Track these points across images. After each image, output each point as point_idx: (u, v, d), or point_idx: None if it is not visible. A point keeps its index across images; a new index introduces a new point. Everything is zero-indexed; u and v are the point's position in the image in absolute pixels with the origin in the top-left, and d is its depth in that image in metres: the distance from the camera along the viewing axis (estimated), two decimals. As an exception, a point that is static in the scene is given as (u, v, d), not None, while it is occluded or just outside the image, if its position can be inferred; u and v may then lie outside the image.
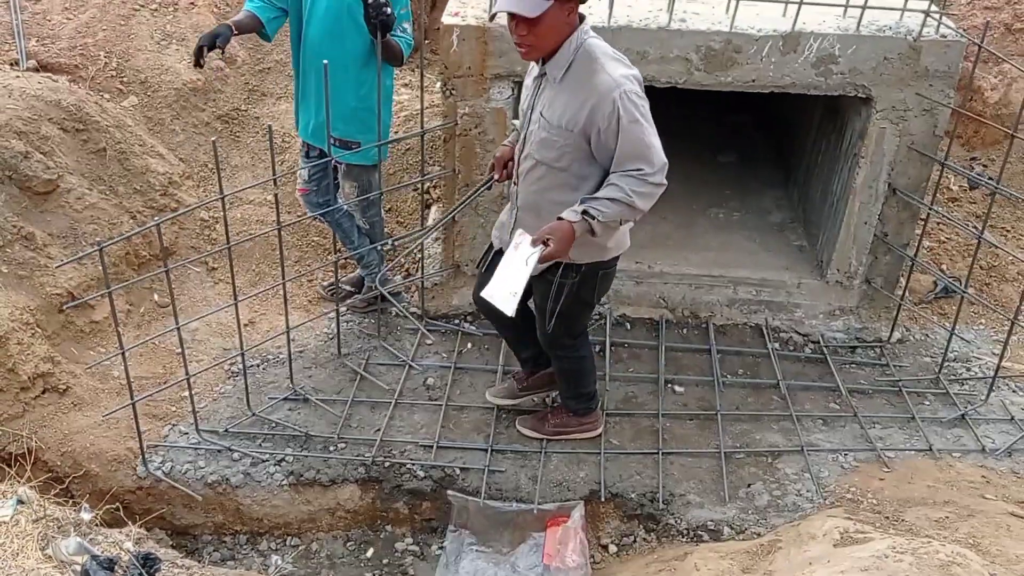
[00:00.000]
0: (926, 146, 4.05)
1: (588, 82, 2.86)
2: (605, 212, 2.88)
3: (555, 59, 2.90)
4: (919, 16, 3.88)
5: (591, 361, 3.72)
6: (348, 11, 3.77)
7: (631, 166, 2.88)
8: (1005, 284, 4.79)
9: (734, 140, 5.98)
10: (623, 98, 2.81)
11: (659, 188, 2.93)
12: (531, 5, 2.73)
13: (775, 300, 4.60)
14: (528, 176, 3.14)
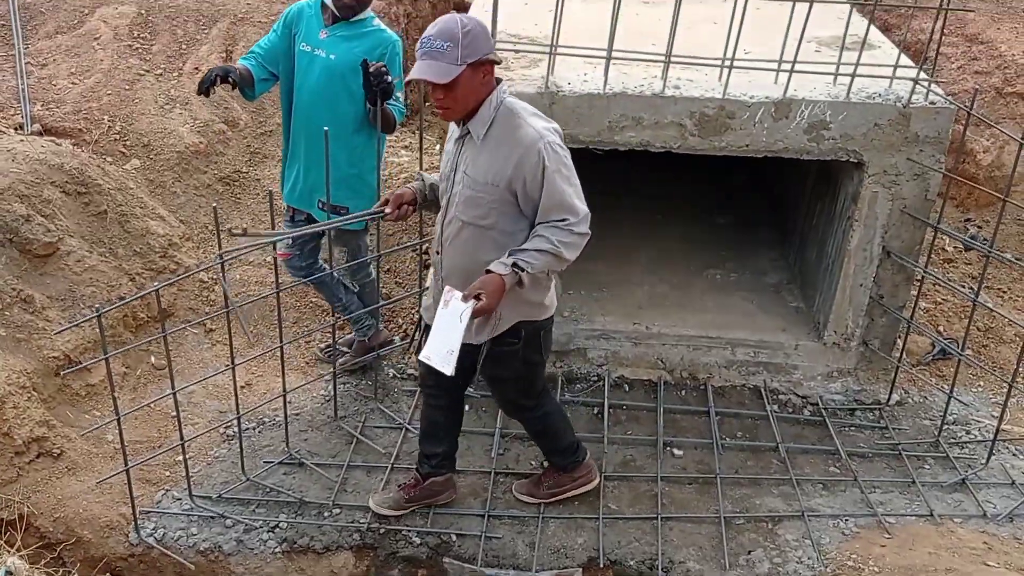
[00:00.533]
0: (919, 210, 4.09)
1: (511, 136, 2.92)
2: (533, 263, 2.91)
3: (476, 118, 2.96)
4: (908, 83, 3.95)
5: (558, 415, 3.72)
6: (342, 78, 3.84)
7: (556, 217, 2.94)
8: (1002, 346, 4.79)
9: (730, 201, 6.04)
10: (547, 148, 2.88)
11: (584, 238, 3.00)
12: (441, 72, 2.81)
13: (773, 361, 4.59)
14: (455, 240, 3.13)
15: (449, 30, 2.79)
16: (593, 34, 4.23)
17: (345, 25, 3.86)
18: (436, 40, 2.79)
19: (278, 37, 3.99)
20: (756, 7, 4.08)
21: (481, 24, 2.86)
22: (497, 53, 2.99)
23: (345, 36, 3.86)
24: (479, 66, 2.85)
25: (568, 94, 4.01)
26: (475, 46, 2.80)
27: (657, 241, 5.51)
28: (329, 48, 3.86)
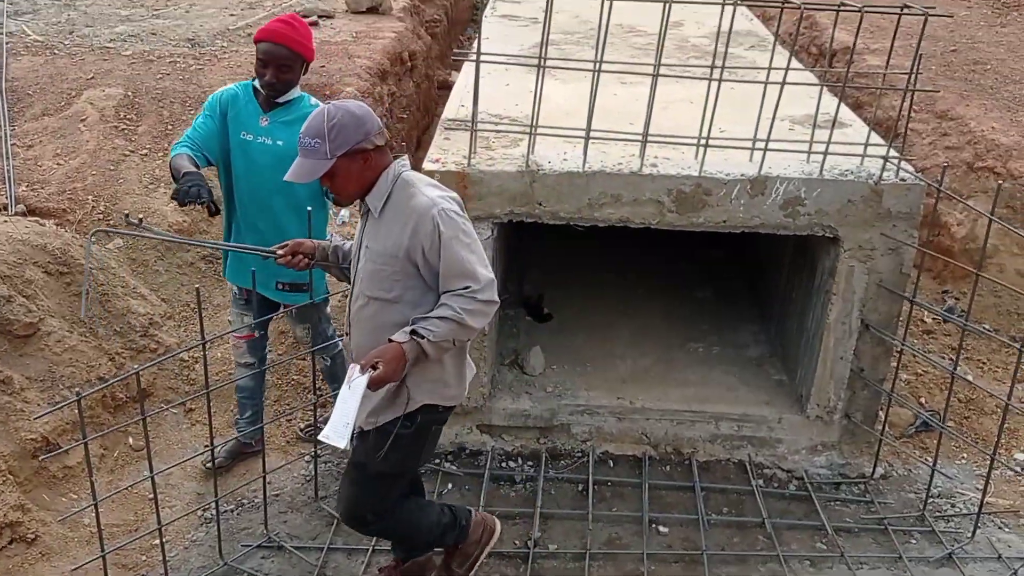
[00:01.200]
0: (894, 283, 4.15)
1: (407, 205, 2.92)
2: (435, 331, 2.85)
3: (373, 192, 2.97)
4: (879, 160, 4.05)
5: (416, 513, 3.42)
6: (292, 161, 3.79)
7: (459, 284, 2.89)
8: (984, 417, 4.81)
9: (710, 275, 6.10)
10: (441, 215, 2.87)
11: (489, 305, 2.93)
12: (311, 169, 2.86)
13: (757, 435, 4.59)
14: (362, 317, 3.08)
15: (317, 127, 2.84)
16: (572, 114, 4.34)
17: (284, 109, 3.83)
18: (305, 137, 2.85)
19: (214, 123, 3.89)
20: (730, 87, 4.20)
21: (352, 113, 2.87)
22: (382, 135, 2.94)
23: (287, 120, 3.80)
24: (355, 155, 2.86)
25: (548, 172, 4.08)
26: (344, 138, 2.83)
27: (639, 315, 5.54)
28: (274, 134, 3.81)
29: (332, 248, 3.32)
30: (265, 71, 3.75)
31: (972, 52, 8.37)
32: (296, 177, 2.89)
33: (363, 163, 2.90)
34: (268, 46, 3.73)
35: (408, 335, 2.85)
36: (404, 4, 9.75)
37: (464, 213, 2.99)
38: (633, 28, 6.56)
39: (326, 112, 2.86)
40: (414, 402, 3.05)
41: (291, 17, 3.84)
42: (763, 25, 7.26)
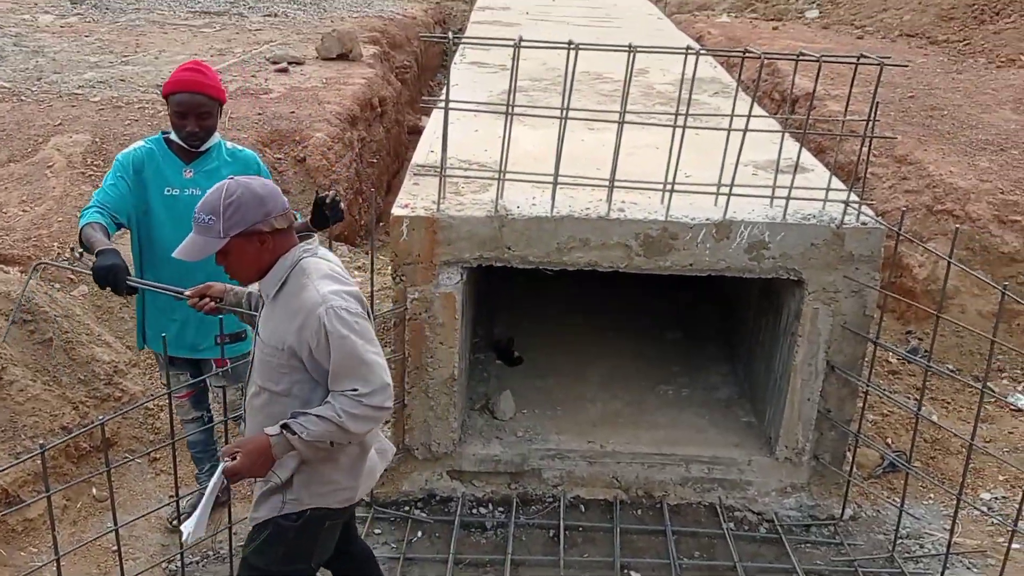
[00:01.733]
0: (858, 325, 4.21)
1: (297, 299, 2.72)
2: (309, 429, 2.65)
3: (268, 278, 2.79)
4: (841, 205, 4.13)
5: None
6: None
7: (347, 386, 2.68)
8: (950, 457, 4.86)
9: (679, 317, 6.15)
10: (330, 313, 2.65)
11: (378, 411, 2.71)
12: (202, 247, 2.72)
13: (727, 478, 4.59)
14: (253, 406, 2.88)
15: (213, 203, 2.68)
16: (541, 159, 4.40)
17: (205, 158, 3.75)
18: (201, 213, 2.70)
19: (126, 184, 3.70)
20: (695, 133, 4.28)
21: (253, 192, 2.69)
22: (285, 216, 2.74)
23: (211, 168, 3.73)
24: (250, 236, 2.69)
25: (517, 217, 4.11)
26: (239, 217, 2.66)
27: (609, 357, 5.56)
28: (201, 184, 3.66)
29: (247, 294, 3.13)
30: (185, 122, 3.65)
31: (929, 98, 8.61)
32: (186, 255, 2.74)
33: (259, 245, 2.72)
34: (185, 96, 3.62)
35: (279, 429, 2.68)
36: (374, 51, 9.87)
37: (361, 309, 2.76)
38: (600, 75, 6.68)
39: (225, 188, 2.69)
40: (298, 503, 2.85)
41: (197, 64, 3.76)
42: (727, 72, 7.42)
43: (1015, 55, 10.36)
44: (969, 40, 11.35)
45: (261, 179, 2.81)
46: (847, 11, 14.34)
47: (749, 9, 16.31)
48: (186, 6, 12.07)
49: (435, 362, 4.28)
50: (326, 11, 12.24)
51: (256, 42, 9.91)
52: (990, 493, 4.69)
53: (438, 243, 4.09)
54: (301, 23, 11.31)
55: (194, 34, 10.27)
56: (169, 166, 3.75)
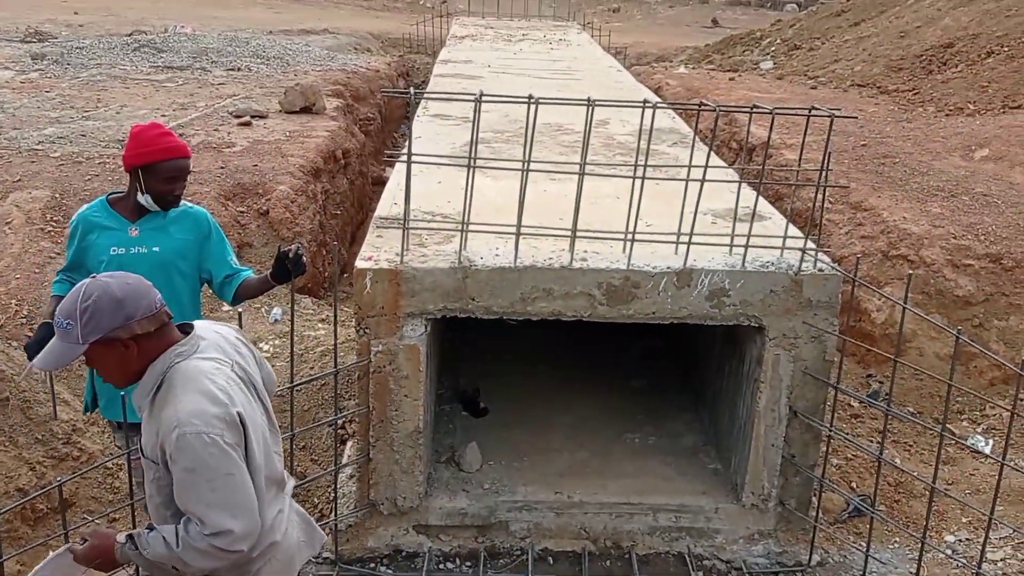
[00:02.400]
0: (819, 370, 4.27)
1: (163, 413, 2.50)
2: (151, 548, 2.50)
3: (139, 387, 2.58)
4: (798, 252, 4.21)
5: None
6: (173, 266, 3.78)
7: (194, 516, 2.48)
8: (914, 500, 4.90)
9: (644, 365, 6.18)
10: (180, 440, 2.42)
11: (225, 553, 2.47)
12: (59, 355, 2.52)
13: (695, 526, 4.59)
14: (149, 508, 2.72)
15: (70, 306, 2.47)
16: (504, 210, 4.43)
17: (151, 216, 3.77)
18: (60, 316, 2.49)
19: (83, 251, 3.78)
20: (655, 183, 4.36)
21: (111, 296, 2.47)
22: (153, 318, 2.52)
23: (159, 225, 3.77)
24: (111, 342, 2.47)
25: (481, 268, 4.13)
26: (96, 323, 2.44)
27: (576, 407, 5.56)
28: (148, 242, 3.73)
29: None
30: (174, 186, 3.71)
31: (881, 146, 8.86)
32: (45, 363, 2.53)
33: (123, 351, 2.49)
34: (177, 162, 3.68)
35: (125, 538, 2.56)
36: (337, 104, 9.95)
37: (225, 432, 2.47)
38: (561, 126, 6.78)
39: (83, 291, 2.48)
40: None
41: (156, 126, 3.79)
42: (685, 123, 7.58)
43: (962, 104, 10.72)
44: (918, 90, 11.72)
45: (126, 278, 2.55)
46: (800, 62, 14.77)
47: (706, 60, 16.74)
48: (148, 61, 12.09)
49: (400, 415, 4.26)
50: (289, 65, 12.33)
51: (219, 96, 9.94)
52: (954, 536, 4.73)
53: (402, 295, 4.09)
54: (264, 77, 11.38)
55: (156, 88, 10.28)
56: (114, 226, 3.75)
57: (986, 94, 10.78)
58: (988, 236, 6.56)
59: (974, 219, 6.80)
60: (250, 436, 2.56)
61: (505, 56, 11.79)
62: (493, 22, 17.27)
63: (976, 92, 10.91)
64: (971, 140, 9.01)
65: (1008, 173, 7.97)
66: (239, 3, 25.03)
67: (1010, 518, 4.75)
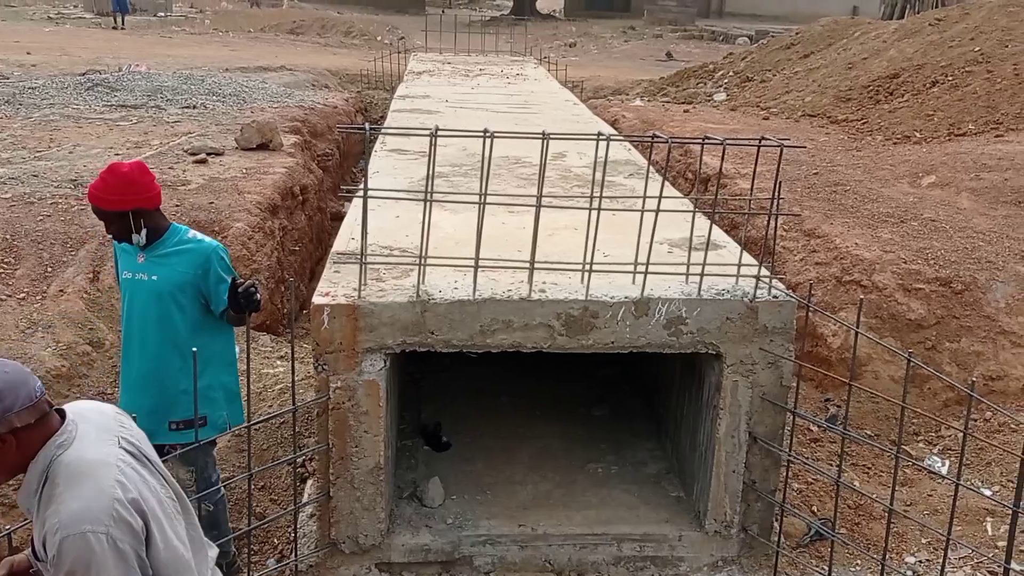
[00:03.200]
0: (776, 396, 4.31)
1: (45, 513, 2.31)
2: None
3: (23, 486, 2.37)
4: (753, 279, 4.27)
5: None
6: (170, 296, 3.91)
7: None
8: (873, 522, 4.95)
9: (606, 393, 6.20)
10: (62, 543, 2.23)
11: None
12: None
13: (659, 555, 4.59)
14: None
15: None
16: (462, 242, 4.45)
17: (159, 244, 3.93)
18: None
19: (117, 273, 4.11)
20: (612, 214, 4.40)
21: None
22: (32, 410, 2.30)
23: (163, 255, 3.92)
24: None
25: (440, 301, 4.13)
26: None
27: (538, 437, 5.55)
28: (150, 270, 3.91)
29: None
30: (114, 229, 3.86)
31: (832, 174, 9.04)
32: None
33: (0, 446, 2.28)
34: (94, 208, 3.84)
35: None
36: (295, 140, 9.92)
37: (113, 529, 2.26)
38: (519, 160, 6.84)
39: None
40: None
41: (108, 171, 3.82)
42: (641, 155, 7.68)
43: (909, 132, 11.00)
44: (866, 119, 12.01)
45: (4, 366, 2.33)
46: (753, 94, 15.08)
47: (661, 93, 17.01)
48: (102, 100, 11.97)
49: (360, 451, 4.22)
50: (246, 102, 12.29)
51: (174, 134, 9.88)
52: (914, 556, 4.78)
53: (360, 330, 4.07)
54: (220, 114, 11.33)
55: (110, 127, 10.18)
56: (129, 251, 3.96)
57: (932, 122, 11.08)
58: (937, 260, 6.71)
59: (923, 244, 6.95)
60: (150, 520, 2.36)
61: (463, 91, 11.88)
62: (451, 57, 17.41)
63: (922, 121, 11.21)
64: (918, 167, 9.24)
65: (954, 199, 8.17)
66: (195, 42, 24.97)
67: (968, 538, 4.82)
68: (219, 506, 4.23)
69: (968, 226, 7.34)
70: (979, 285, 6.43)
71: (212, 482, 4.16)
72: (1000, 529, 4.85)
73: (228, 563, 4.37)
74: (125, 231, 3.84)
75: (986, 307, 6.34)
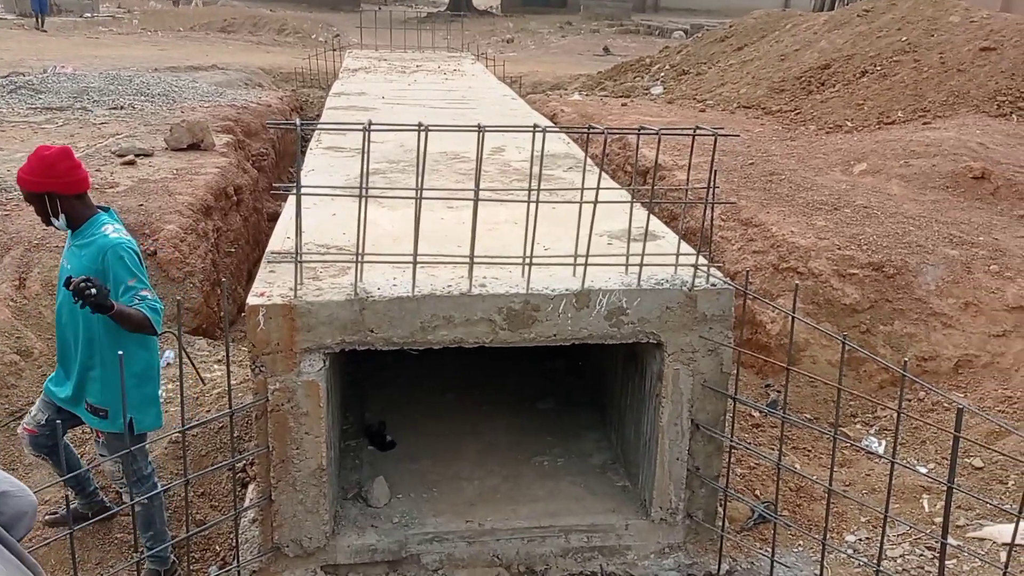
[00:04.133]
0: (717, 383, 4.36)
1: None
2: None
3: None
4: (691, 268, 4.31)
5: None
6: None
7: None
8: (814, 503, 5.03)
9: (551, 386, 6.20)
10: None
11: None
12: None
13: (607, 544, 4.60)
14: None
15: None
16: (401, 239, 4.40)
17: (78, 234, 3.98)
18: None
19: None
20: (552, 208, 4.40)
21: None
22: None
23: (79, 245, 3.97)
24: None
25: (378, 299, 4.08)
26: None
27: (484, 432, 5.53)
28: (69, 258, 4.00)
29: None
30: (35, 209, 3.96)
31: (768, 164, 9.19)
32: None
33: None
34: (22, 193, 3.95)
35: None
36: (227, 139, 9.73)
37: None
38: (458, 155, 6.80)
39: None
40: None
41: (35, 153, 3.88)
42: (580, 148, 7.70)
43: (841, 121, 11.24)
44: (800, 109, 12.24)
45: None
46: (689, 87, 15.25)
47: (599, 88, 17.11)
48: (26, 103, 11.58)
49: (301, 453, 4.14)
50: (176, 102, 12.01)
51: (101, 135, 9.60)
52: (854, 535, 4.88)
53: (297, 330, 4.00)
54: (149, 115, 11.05)
55: (35, 130, 9.86)
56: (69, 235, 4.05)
57: (862, 111, 11.34)
58: (870, 246, 6.86)
59: (856, 230, 7.10)
60: None
61: (399, 87, 11.77)
62: (387, 54, 17.24)
63: (853, 110, 11.46)
64: (850, 155, 9.44)
65: (885, 185, 8.37)
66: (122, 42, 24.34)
67: (906, 515, 4.93)
68: (154, 503, 4.14)
69: (899, 212, 7.52)
70: (910, 269, 6.60)
71: (144, 476, 4.08)
72: (936, 505, 4.98)
73: (167, 571, 4.27)
74: (43, 214, 3.89)
75: (917, 290, 6.51)
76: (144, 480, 4.08)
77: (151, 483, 4.15)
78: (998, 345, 6.22)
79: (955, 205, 7.86)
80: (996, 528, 4.81)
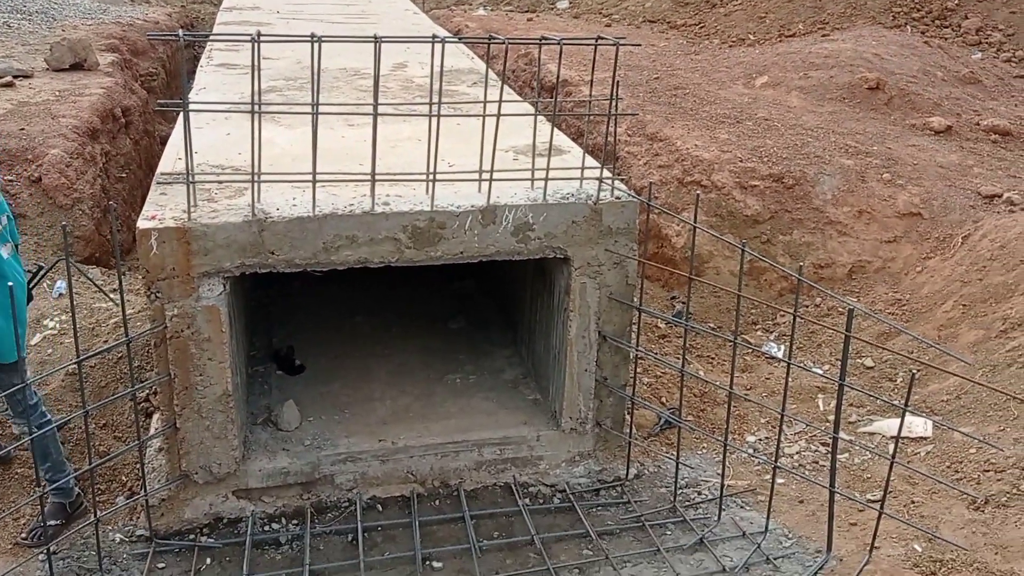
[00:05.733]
0: (623, 295, 4.42)
1: None
2: None
3: None
4: (596, 182, 4.31)
5: None
6: None
7: None
8: (717, 407, 5.23)
9: (462, 306, 6.20)
10: None
11: None
12: None
13: (519, 456, 4.69)
14: None
15: None
16: (300, 158, 4.26)
17: None
18: None
19: None
20: (457, 123, 4.31)
21: None
22: None
23: None
24: None
25: (277, 219, 3.96)
26: None
27: (396, 354, 5.51)
28: None
29: None
30: None
31: (672, 78, 9.22)
32: None
33: None
34: None
35: None
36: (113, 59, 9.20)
37: None
38: (358, 71, 6.59)
39: None
40: None
41: None
42: (483, 63, 7.55)
43: (744, 35, 11.33)
44: (703, 23, 12.28)
45: None
46: (595, 1, 15.08)
47: (504, 2, 16.75)
48: None
49: (206, 379, 4.05)
50: (55, 20, 11.25)
51: (-26, 55, 8.94)
52: (755, 436, 5.10)
53: (193, 254, 3.86)
54: (27, 33, 10.33)
55: None
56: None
57: (764, 24, 11.44)
58: (770, 158, 7.00)
59: (757, 143, 7.23)
60: None
61: (296, 1, 11.29)
62: (283, -33, 16.44)
63: (755, 23, 11.55)
64: (752, 69, 9.55)
65: (785, 98, 8.52)
66: (-7, -48, 22.53)
67: (802, 414, 5.18)
68: (48, 434, 4.01)
69: (798, 123, 7.68)
70: (808, 179, 6.78)
71: (32, 404, 3.92)
72: (830, 404, 5.23)
73: (71, 503, 4.17)
74: None
75: (815, 200, 6.70)
76: (32, 409, 3.93)
77: (39, 412, 4.00)
78: (889, 251, 6.49)
79: (851, 116, 8.07)
80: (885, 423, 5.10)
